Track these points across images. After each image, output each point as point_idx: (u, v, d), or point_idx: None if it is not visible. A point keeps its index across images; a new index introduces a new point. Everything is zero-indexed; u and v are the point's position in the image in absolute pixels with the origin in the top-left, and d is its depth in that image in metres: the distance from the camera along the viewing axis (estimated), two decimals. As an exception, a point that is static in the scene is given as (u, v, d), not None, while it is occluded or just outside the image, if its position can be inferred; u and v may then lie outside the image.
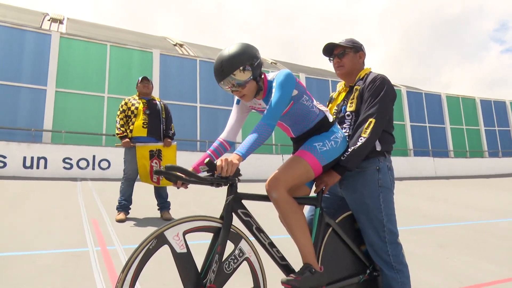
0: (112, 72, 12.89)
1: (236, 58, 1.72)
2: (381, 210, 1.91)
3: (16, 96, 11.33)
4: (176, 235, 1.55)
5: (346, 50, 2.08)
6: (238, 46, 1.76)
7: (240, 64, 1.72)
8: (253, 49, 1.79)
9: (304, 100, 1.88)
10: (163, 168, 1.59)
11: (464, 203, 7.63)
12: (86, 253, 3.14)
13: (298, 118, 1.92)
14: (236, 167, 1.62)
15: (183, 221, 1.59)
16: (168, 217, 4.68)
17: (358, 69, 2.10)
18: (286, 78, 1.77)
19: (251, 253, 1.76)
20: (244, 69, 1.73)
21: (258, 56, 1.79)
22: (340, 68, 2.10)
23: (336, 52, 2.10)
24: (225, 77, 1.73)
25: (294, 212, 1.76)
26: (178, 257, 1.56)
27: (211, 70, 14.49)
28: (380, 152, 1.96)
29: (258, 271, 1.78)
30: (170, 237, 1.54)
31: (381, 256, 1.92)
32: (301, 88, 1.87)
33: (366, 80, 2.00)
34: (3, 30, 11.55)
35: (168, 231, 1.54)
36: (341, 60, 2.09)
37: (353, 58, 2.08)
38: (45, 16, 16.19)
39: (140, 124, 4.70)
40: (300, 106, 1.88)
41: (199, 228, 1.64)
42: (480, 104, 21.43)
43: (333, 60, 2.13)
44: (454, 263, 3.33)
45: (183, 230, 1.58)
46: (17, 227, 3.94)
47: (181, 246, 1.56)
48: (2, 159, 9.15)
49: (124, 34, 17.66)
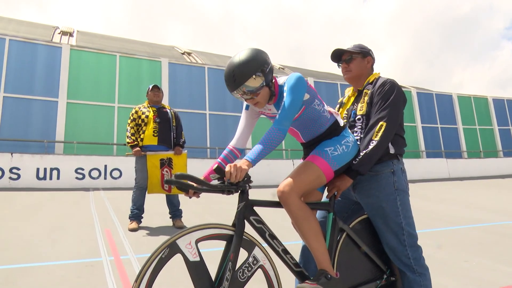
0: (121, 82, 13.04)
1: (248, 66, 1.69)
2: (399, 213, 1.88)
3: (28, 109, 11.52)
4: (189, 243, 1.55)
5: (353, 55, 2.07)
6: (248, 52, 1.73)
7: (252, 72, 1.69)
8: (264, 54, 1.77)
9: (315, 104, 1.85)
10: (174, 177, 1.58)
11: (479, 205, 7.48)
12: (100, 263, 3.14)
13: (309, 123, 1.89)
14: (245, 173, 1.60)
15: (195, 229, 1.58)
16: (180, 225, 4.68)
17: (366, 74, 2.10)
18: (298, 81, 1.75)
19: (265, 260, 1.73)
20: (256, 77, 1.71)
21: (268, 62, 1.77)
22: (348, 73, 2.09)
23: (344, 58, 2.10)
24: (237, 86, 1.71)
25: (307, 218, 1.73)
26: (191, 265, 1.55)
27: (220, 77, 14.54)
28: (394, 154, 1.94)
29: (273, 278, 1.75)
30: (183, 245, 1.53)
31: (402, 260, 1.89)
32: (312, 92, 1.84)
33: (375, 84, 1.99)
34: (16, 45, 11.79)
35: (181, 239, 1.53)
36: (348, 65, 2.09)
37: (360, 63, 2.08)
38: (55, 30, 16.50)
39: (151, 132, 4.72)
40: (312, 111, 1.85)
41: (211, 236, 1.62)
42: (492, 103, 21.08)
43: (341, 66, 2.13)
44: (472, 266, 3.25)
45: (196, 239, 1.57)
46: (31, 238, 3.97)
47: (194, 255, 1.55)
48: (16, 171, 9.28)
49: (133, 45, 17.88)
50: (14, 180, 9.20)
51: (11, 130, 11.08)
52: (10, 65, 11.54)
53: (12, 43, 11.74)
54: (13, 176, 9.21)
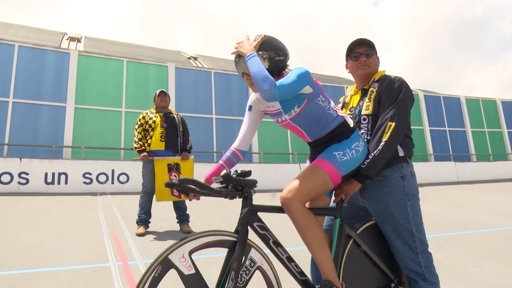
0: (129, 86, 13.14)
1: (261, 43, 1.73)
2: (409, 219, 1.81)
3: (37, 114, 11.66)
4: (182, 256, 1.48)
5: (373, 50, 2.01)
6: (270, 36, 1.77)
7: (260, 49, 1.71)
8: (281, 44, 1.79)
9: (320, 100, 1.80)
10: (178, 181, 1.55)
11: (489, 209, 7.38)
12: (108, 269, 3.15)
13: (313, 119, 1.82)
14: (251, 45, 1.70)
15: (187, 240, 1.51)
16: (187, 229, 4.68)
17: (376, 72, 2.04)
18: (301, 69, 1.72)
19: (262, 261, 1.67)
20: (262, 56, 1.72)
21: (283, 53, 1.78)
22: (366, 68, 1.99)
23: (365, 51, 2.00)
24: (241, 57, 1.73)
25: (311, 226, 1.66)
26: (187, 279, 1.49)
27: (226, 82, 14.56)
28: (403, 157, 1.87)
29: (272, 279, 1.69)
30: (176, 259, 1.47)
31: (413, 268, 1.81)
32: (317, 88, 1.79)
33: (383, 82, 1.92)
34: (25, 51, 11.95)
35: (173, 254, 1.47)
36: (367, 59, 1.99)
37: (375, 61, 2.02)
38: (64, 36, 16.68)
39: (158, 137, 4.74)
40: (315, 106, 1.80)
41: (208, 244, 1.55)
42: (501, 106, 20.85)
43: (357, 58, 2.01)
44: (484, 272, 3.20)
45: (189, 250, 1.50)
46: (39, 243, 4.00)
47: (189, 267, 1.49)
48: (25, 176, 9.38)
49: (140, 50, 18.01)
50: (23, 185, 9.29)
51: (20, 135, 11.22)
52: (19, 71, 11.70)
53: (21, 49, 11.91)
54: (21, 181, 9.31)
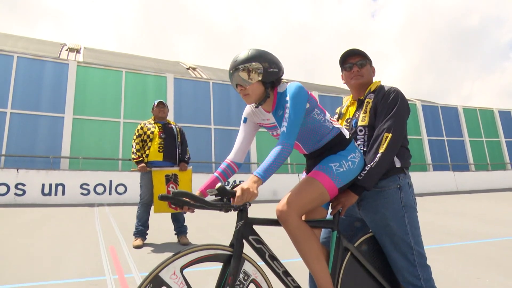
0: (127, 97, 13.16)
1: (253, 56, 1.73)
2: (407, 231, 1.79)
3: (35, 125, 11.64)
4: (173, 273, 1.43)
5: (366, 60, 2.02)
6: (261, 50, 1.78)
7: (253, 60, 1.72)
8: (274, 58, 1.79)
9: (315, 114, 1.80)
10: (172, 194, 1.52)
11: (489, 218, 7.35)
12: (104, 282, 3.11)
13: (309, 133, 1.82)
14: (255, 197, 1.53)
15: (178, 256, 1.46)
16: (185, 241, 4.63)
17: (370, 82, 2.05)
18: (299, 90, 1.72)
19: (256, 273, 1.63)
20: (254, 67, 1.72)
21: (276, 66, 1.78)
22: (359, 77, 2.01)
23: (357, 61, 2.02)
24: (235, 66, 1.74)
25: (307, 239, 1.65)
26: None
27: (224, 92, 14.63)
28: (400, 168, 1.86)
29: None
30: (167, 277, 1.42)
31: (411, 281, 1.78)
32: (313, 101, 1.79)
33: (378, 93, 1.93)
34: (24, 62, 11.99)
35: (163, 271, 1.42)
36: (361, 69, 2.02)
37: (369, 70, 2.04)
38: (63, 46, 16.78)
39: (156, 148, 4.73)
40: (311, 120, 1.79)
41: (201, 259, 1.51)
42: (499, 115, 20.95)
43: (351, 69, 2.03)
44: (486, 283, 3.17)
45: (180, 266, 1.46)
46: (35, 255, 3.95)
47: (181, 284, 1.44)
48: (22, 187, 9.33)
49: (139, 60, 18.10)
50: (19, 196, 9.23)
51: (18, 146, 11.19)
52: (17, 82, 11.72)
53: (20, 60, 11.95)
54: (18, 192, 9.26)
